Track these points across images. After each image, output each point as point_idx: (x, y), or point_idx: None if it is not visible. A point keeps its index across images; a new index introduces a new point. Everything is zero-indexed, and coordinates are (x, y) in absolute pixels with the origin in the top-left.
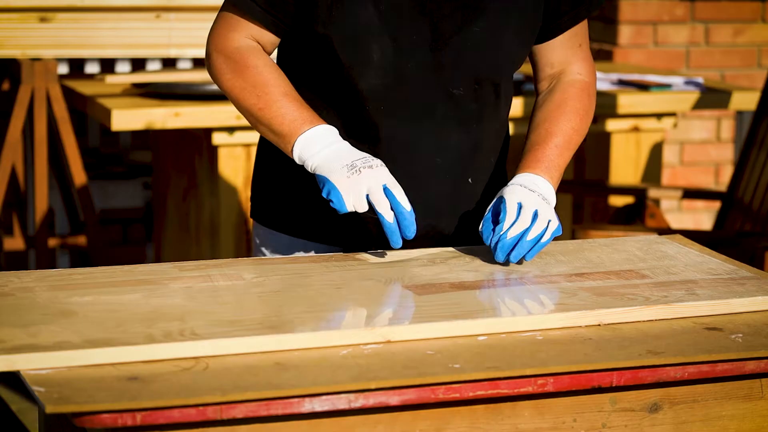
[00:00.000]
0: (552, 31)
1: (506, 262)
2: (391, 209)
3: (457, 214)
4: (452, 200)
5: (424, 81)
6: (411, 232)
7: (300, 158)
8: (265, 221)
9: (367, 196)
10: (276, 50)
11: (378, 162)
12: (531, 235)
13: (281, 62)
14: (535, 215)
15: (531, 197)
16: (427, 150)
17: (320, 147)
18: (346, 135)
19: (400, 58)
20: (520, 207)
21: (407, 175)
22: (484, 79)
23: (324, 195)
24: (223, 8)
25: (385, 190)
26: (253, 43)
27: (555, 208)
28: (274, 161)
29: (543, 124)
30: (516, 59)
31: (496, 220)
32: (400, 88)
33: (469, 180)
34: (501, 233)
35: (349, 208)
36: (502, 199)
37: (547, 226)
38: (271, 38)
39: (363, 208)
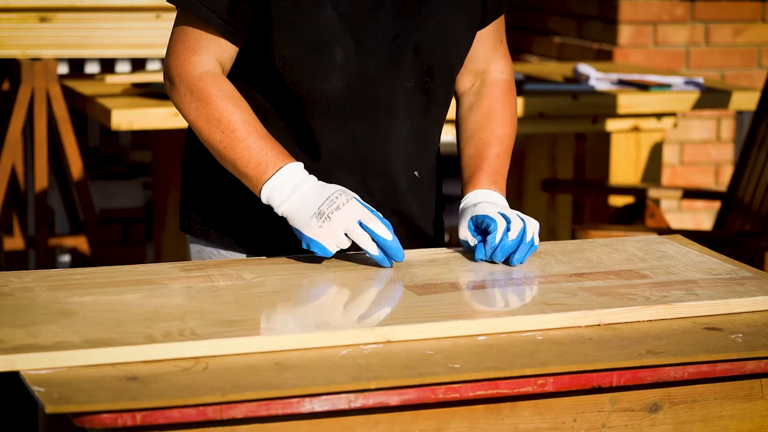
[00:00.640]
0: (484, 20)
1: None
2: (373, 240)
3: (417, 202)
4: (410, 188)
5: (385, 78)
6: (400, 257)
7: (268, 203)
8: (198, 234)
9: (347, 234)
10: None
11: (343, 199)
12: (528, 237)
13: (234, 73)
14: (522, 220)
15: (505, 209)
16: (389, 146)
17: (287, 194)
18: (310, 139)
19: (363, 58)
20: (504, 216)
21: (372, 170)
22: (437, 72)
23: (304, 247)
24: (179, 23)
25: (361, 225)
26: (216, 68)
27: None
28: (203, 171)
29: (478, 133)
30: (465, 52)
31: (484, 233)
32: (364, 87)
33: (416, 173)
34: (498, 241)
35: (334, 251)
36: (482, 216)
37: (532, 225)
38: (231, 53)
39: (347, 245)
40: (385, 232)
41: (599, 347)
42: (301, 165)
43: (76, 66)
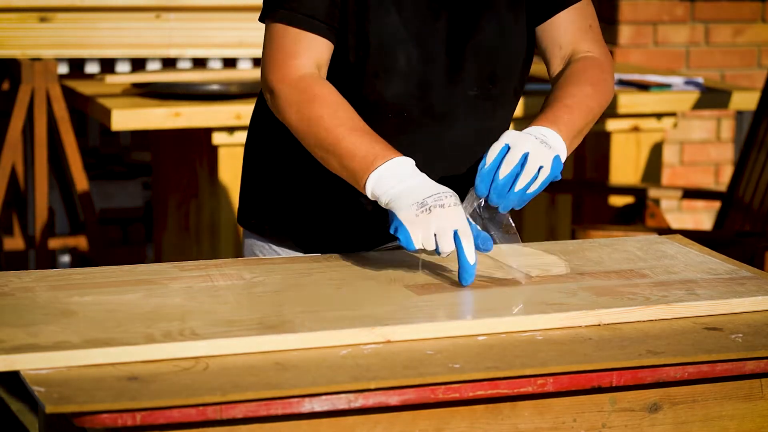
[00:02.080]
0: (553, 7)
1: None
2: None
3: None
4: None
5: (443, 86)
6: (467, 282)
7: (373, 195)
8: (254, 228)
9: (436, 235)
10: None
11: (452, 200)
12: (522, 183)
13: None
14: (524, 159)
15: (524, 139)
16: (447, 153)
17: (394, 183)
18: None
19: (424, 65)
20: (507, 148)
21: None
22: (499, 77)
23: (391, 231)
24: (269, 40)
25: (455, 236)
26: (315, 69)
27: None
28: (263, 167)
29: (554, 91)
30: (524, 51)
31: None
32: (422, 94)
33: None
34: (485, 168)
35: (418, 246)
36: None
37: (538, 173)
38: (328, 53)
39: (431, 247)
40: (471, 255)
41: (599, 347)
42: (411, 161)
43: (76, 66)
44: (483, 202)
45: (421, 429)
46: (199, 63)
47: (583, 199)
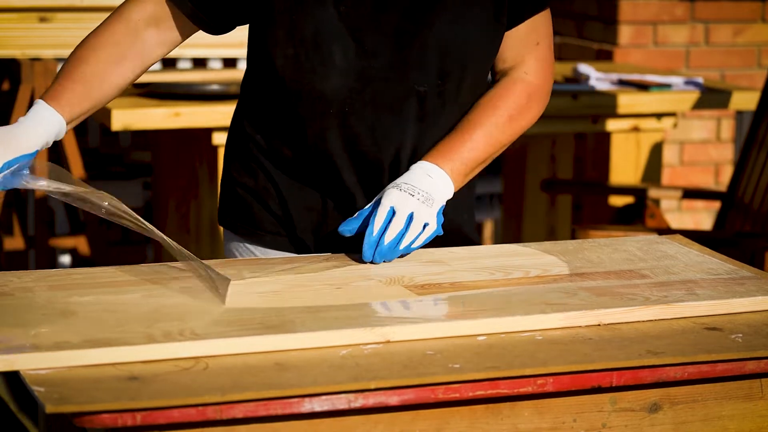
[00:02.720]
0: (511, 21)
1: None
2: None
3: None
4: None
5: (390, 79)
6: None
7: None
8: (230, 226)
9: None
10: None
11: (14, 141)
12: (406, 243)
13: (247, 80)
14: (410, 220)
15: (407, 201)
16: (392, 147)
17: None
18: (311, 138)
19: (364, 59)
20: (392, 212)
21: (370, 171)
22: (450, 74)
23: None
24: None
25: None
26: (142, 16)
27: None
28: (238, 166)
29: (470, 116)
30: (486, 53)
31: (366, 222)
32: (365, 88)
33: None
34: (373, 236)
35: None
36: (377, 203)
37: (423, 230)
38: (180, 25)
39: None
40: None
41: (599, 347)
42: (49, 109)
43: None
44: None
45: (421, 429)
46: (199, 63)
47: (583, 199)
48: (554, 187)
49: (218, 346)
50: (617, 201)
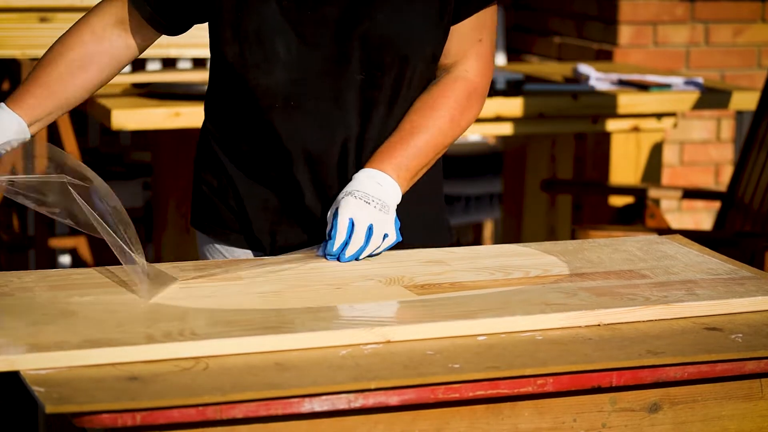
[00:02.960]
0: (455, 16)
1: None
2: None
3: None
4: None
5: (332, 71)
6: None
7: None
8: (201, 227)
9: None
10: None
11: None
12: (366, 253)
13: (209, 82)
14: (370, 232)
15: (364, 210)
16: (338, 140)
17: None
18: (264, 133)
19: (307, 51)
20: (351, 224)
21: (319, 166)
22: (388, 65)
23: None
24: None
25: None
26: (104, 24)
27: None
28: (207, 168)
29: (411, 117)
30: (427, 46)
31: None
32: (309, 80)
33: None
34: (334, 251)
35: None
36: (335, 214)
37: (383, 241)
38: (147, 30)
39: None
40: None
41: (599, 347)
42: (13, 116)
43: None
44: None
45: (421, 429)
46: (199, 63)
47: (583, 199)
48: (554, 187)
49: (218, 346)
50: (617, 201)
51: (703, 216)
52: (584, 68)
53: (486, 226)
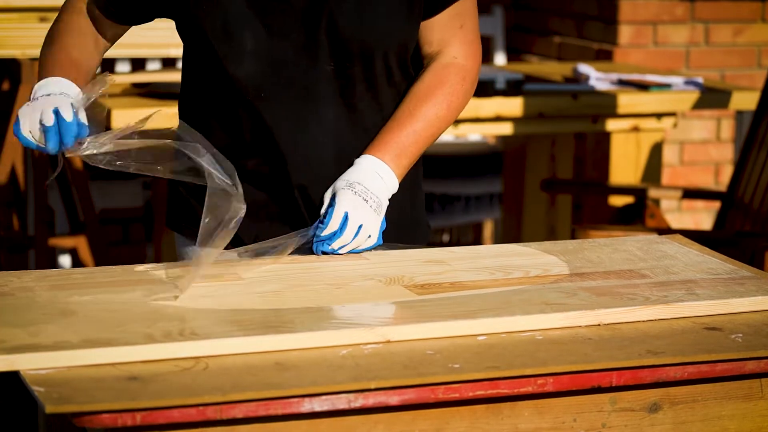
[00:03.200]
0: (431, 8)
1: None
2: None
3: None
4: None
5: (301, 62)
6: (67, 140)
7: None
8: (174, 227)
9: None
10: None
11: (58, 99)
12: (348, 249)
13: (182, 80)
14: (358, 231)
15: (360, 209)
16: (311, 131)
17: (39, 93)
18: (235, 126)
19: (275, 42)
20: (345, 219)
21: (296, 159)
22: (357, 55)
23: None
24: None
25: (55, 111)
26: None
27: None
28: None
29: (408, 103)
30: (395, 36)
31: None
32: (277, 71)
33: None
34: (321, 238)
35: (25, 133)
36: (332, 204)
37: (366, 241)
38: (113, 27)
39: (36, 132)
40: (69, 115)
41: (599, 347)
42: (63, 81)
43: None
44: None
45: (421, 429)
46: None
47: (583, 199)
48: (554, 187)
49: (218, 346)
50: (617, 201)
51: (703, 216)
52: (584, 68)
53: (486, 226)
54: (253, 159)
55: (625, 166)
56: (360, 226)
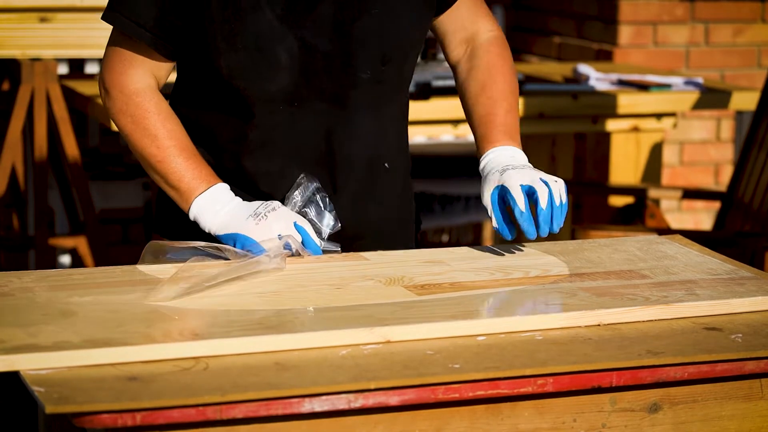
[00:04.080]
0: (446, 3)
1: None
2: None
3: (379, 201)
4: (373, 186)
5: (334, 71)
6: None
7: (196, 219)
8: (163, 233)
9: (280, 236)
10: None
11: (276, 203)
12: (558, 200)
13: (181, 86)
14: (546, 183)
15: (527, 170)
16: (343, 139)
17: (218, 208)
18: (263, 140)
19: (307, 54)
20: (526, 188)
21: (327, 167)
22: (391, 59)
23: (239, 248)
24: (112, 41)
25: (296, 226)
26: (152, 83)
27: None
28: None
29: (484, 92)
30: (420, 37)
31: (507, 207)
32: (310, 81)
33: (386, 165)
34: (528, 211)
35: (266, 247)
36: (504, 189)
37: (558, 186)
38: (165, 64)
39: (279, 247)
40: (315, 236)
41: (599, 347)
42: (228, 186)
43: (76, 66)
44: (318, 199)
45: (421, 429)
46: None
47: (583, 199)
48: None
49: (218, 346)
50: (617, 201)
51: (703, 216)
52: (584, 68)
53: (486, 226)
54: (285, 166)
55: (625, 166)
56: (544, 181)
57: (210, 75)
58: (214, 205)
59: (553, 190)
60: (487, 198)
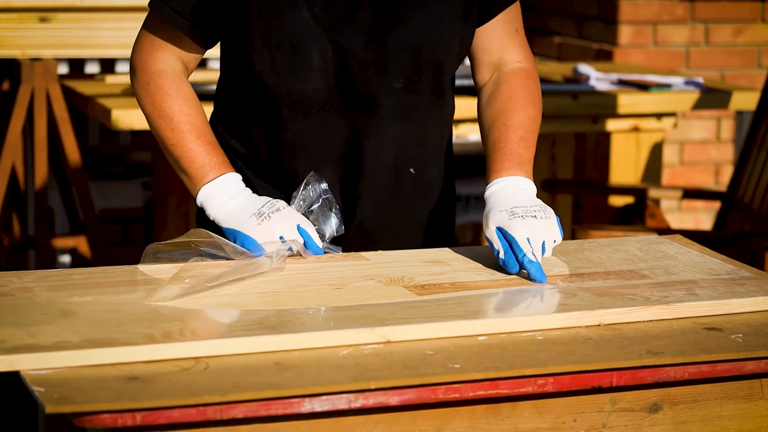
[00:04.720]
0: (485, 15)
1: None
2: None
3: (401, 206)
4: (396, 191)
5: (368, 77)
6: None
7: (202, 206)
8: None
9: (282, 237)
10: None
11: (282, 203)
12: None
13: (222, 83)
14: (543, 246)
15: (534, 227)
16: (372, 145)
17: (225, 198)
18: (292, 139)
19: (342, 58)
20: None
21: (353, 172)
22: (425, 69)
23: (237, 244)
24: (146, 24)
25: (299, 228)
26: (178, 67)
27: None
28: None
29: (499, 119)
30: (458, 47)
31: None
32: (345, 86)
33: (411, 170)
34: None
35: (268, 249)
36: (510, 236)
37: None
38: (195, 54)
39: (281, 248)
40: (318, 239)
41: (599, 347)
42: (239, 176)
43: (76, 66)
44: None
45: (421, 429)
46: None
47: (583, 199)
48: (554, 187)
49: (218, 346)
50: (617, 201)
51: (703, 216)
52: (584, 68)
53: None
54: (310, 168)
55: (625, 166)
56: (543, 244)
57: (244, 72)
58: (222, 195)
59: (547, 249)
60: (491, 232)
